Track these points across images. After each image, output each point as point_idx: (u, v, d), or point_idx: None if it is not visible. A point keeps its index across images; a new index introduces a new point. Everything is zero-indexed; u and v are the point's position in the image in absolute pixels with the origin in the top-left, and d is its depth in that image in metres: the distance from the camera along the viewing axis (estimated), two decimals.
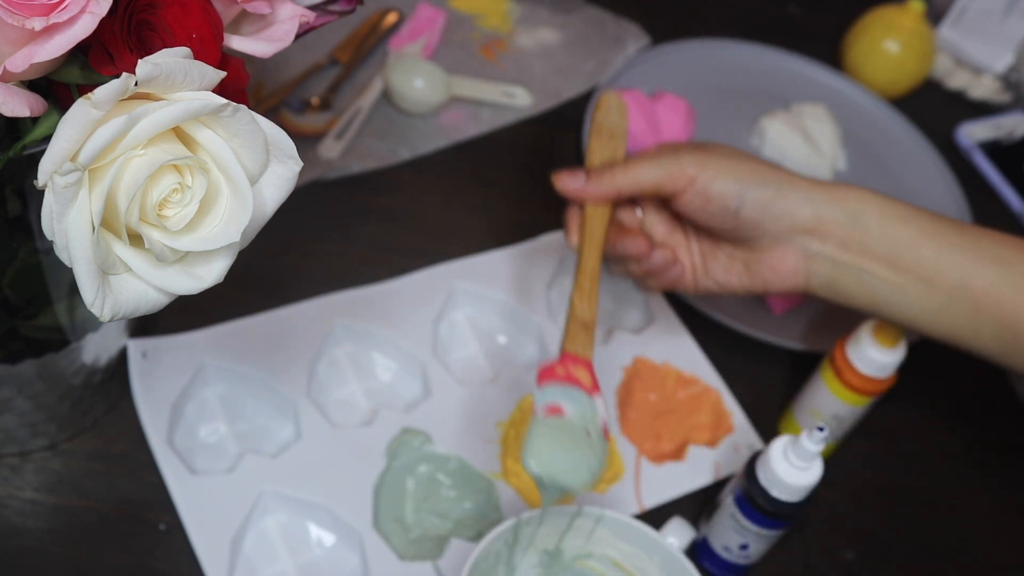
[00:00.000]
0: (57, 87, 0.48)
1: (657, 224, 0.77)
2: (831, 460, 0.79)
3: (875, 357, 0.76)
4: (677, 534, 0.72)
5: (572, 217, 0.75)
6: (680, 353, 0.86)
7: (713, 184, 0.70)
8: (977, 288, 0.67)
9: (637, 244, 0.73)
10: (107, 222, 0.46)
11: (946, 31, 1.15)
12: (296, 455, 0.74)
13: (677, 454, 0.81)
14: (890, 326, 0.75)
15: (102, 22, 0.44)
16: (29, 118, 0.47)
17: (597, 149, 0.77)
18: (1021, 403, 0.91)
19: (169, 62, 0.43)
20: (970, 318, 0.68)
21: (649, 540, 0.67)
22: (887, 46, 1.09)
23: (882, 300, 0.70)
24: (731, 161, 0.71)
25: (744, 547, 0.73)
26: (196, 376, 0.76)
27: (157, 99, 0.45)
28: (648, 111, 0.99)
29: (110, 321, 0.47)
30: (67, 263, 0.44)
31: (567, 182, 0.74)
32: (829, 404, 0.79)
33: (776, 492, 0.69)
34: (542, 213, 0.93)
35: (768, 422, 0.84)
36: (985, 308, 0.68)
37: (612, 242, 0.74)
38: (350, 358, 0.81)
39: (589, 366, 0.68)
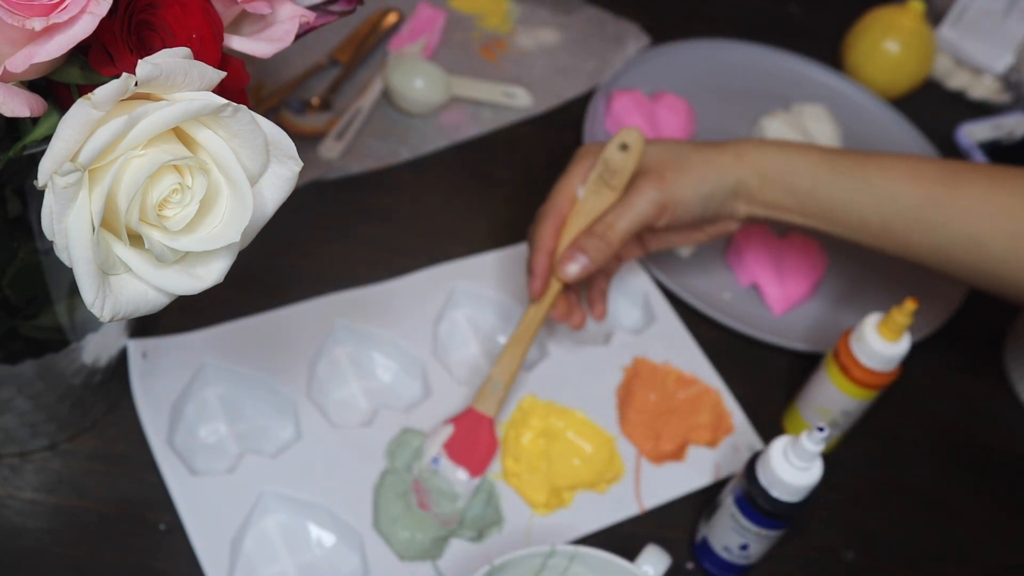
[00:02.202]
0: (57, 87, 0.48)
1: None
2: (831, 460, 0.79)
3: (880, 351, 0.76)
4: (653, 563, 0.70)
5: (544, 268, 0.77)
6: (680, 353, 0.86)
7: (679, 208, 0.77)
8: (872, 224, 0.77)
9: (574, 321, 0.80)
10: (107, 222, 0.46)
11: (946, 31, 1.15)
12: (296, 455, 0.74)
13: (677, 454, 0.81)
14: (892, 321, 0.75)
15: (102, 22, 0.44)
16: (29, 118, 0.47)
17: (590, 196, 0.78)
18: (1021, 403, 0.91)
19: (169, 62, 0.43)
20: (875, 243, 0.78)
21: (624, 572, 0.66)
22: (887, 46, 1.09)
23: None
24: (685, 175, 0.77)
25: (744, 547, 0.73)
26: (196, 376, 0.76)
27: (157, 99, 0.45)
28: (648, 111, 0.99)
29: (110, 321, 0.46)
30: (67, 263, 0.44)
31: (571, 269, 0.76)
32: (837, 400, 0.79)
33: (776, 492, 0.69)
34: None
35: (768, 422, 0.84)
36: (883, 237, 0.77)
37: (555, 318, 0.79)
38: (350, 358, 0.81)
39: (491, 424, 0.76)
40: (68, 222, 0.43)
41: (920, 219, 0.75)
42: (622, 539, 0.76)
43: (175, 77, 0.44)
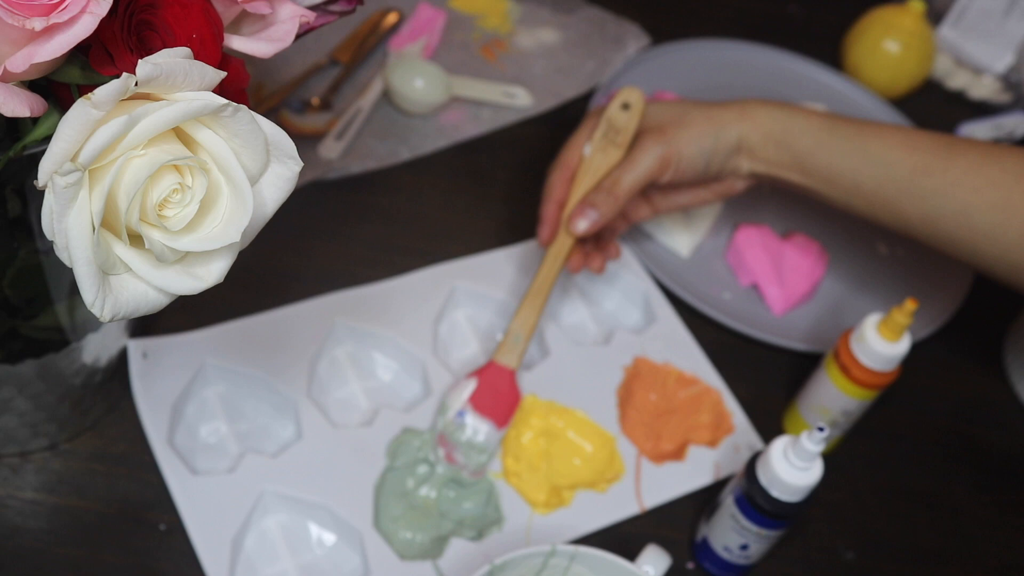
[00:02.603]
0: (57, 87, 0.48)
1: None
2: (831, 460, 0.79)
3: (880, 351, 0.76)
4: (653, 563, 0.70)
5: (553, 216, 0.81)
6: (680, 353, 0.86)
7: (682, 163, 0.80)
8: (867, 188, 0.79)
9: (593, 266, 0.83)
10: (107, 222, 0.46)
11: (946, 31, 1.15)
12: (297, 455, 0.74)
13: (677, 454, 0.81)
14: (892, 321, 0.75)
15: (102, 22, 0.44)
16: (29, 118, 0.47)
17: (597, 154, 0.81)
18: (1021, 403, 0.91)
19: (169, 62, 0.43)
20: (868, 210, 0.80)
21: (625, 572, 0.66)
22: (887, 46, 1.09)
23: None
24: (686, 131, 0.80)
25: (744, 547, 0.73)
26: (196, 376, 0.76)
27: (157, 99, 0.45)
28: None
29: (110, 321, 0.47)
30: (67, 263, 0.44)
31: (580, 224, 0.79)
32: (837, 400, 0.79)
33: (776, 492, 0.69)
34: None
35: (768, 422, 0.84)
36: (876, 203, 0.79)
37: (571, 269, 0.82)
38: (350, 358, 0.81)
39: (512, 376, 0.78)
40: (68, 222, 0.43)
41: (911, 187, 0.77)
42: (622, 539, 0.76)
43: (175, 77, 0.44)
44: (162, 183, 0.45)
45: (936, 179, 0.76)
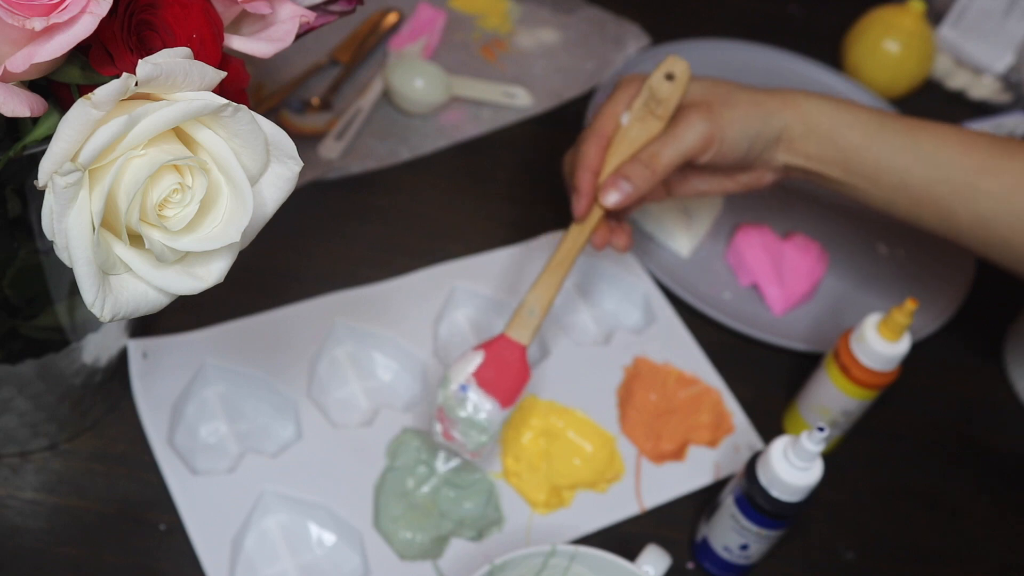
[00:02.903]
0: (57, 87, 0.48)
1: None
2: (831, 460, 0.79)
3: (880, 351, 0.76)
4: (653, 563, 0.70)
5: (589, 186, 0.76)
6: (680, 353, 0.86)
7: (725, 144, 0.76)
8: (915, 187, 0.76)
9: (618, 244, 0.79)
10: (107, 222, 0.46)
11: (946, 31, 1.15)
12: (297, 455, 0.74)
13: (677, 454, 0.81)
14: (892, 321, 0.75)
15: (102, 22, 0.44)
16: (29, 118, 0.47)
17: (635, 123, 0.76)
18: (1021, 403, 0.91)
19: (169, 62, 0.43)
20: (913, 209, 0.77)
21: (625, 572, 0.66)
22: (887, 46, 1.09)
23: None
24: (733, 111, 0.76)
25: (744, 547, 0.73)
26: (196, 376, 0.76)
27: (157, 99, 0.45)
28: None
29: (110, 321, 0.47)
30: (67, 263, 0.44)
31: (612, 196, 0.75)
32: (837, 400, 0.79)
33: (776, 492, 0.69)
34: (542, 213, 0.93)
35: (768, 422, 0.84)
36: (924, 203, 0.76)
37: (596, 244, 0.78)
38: (350, 358, 0.81)
39: (522, 351, 0.73)
40: (68, 222, 0.43)
41: (965, 188, 0.74)
42: (622, 539, 0.76)
43: (175, 77, 0.44)
44: (162, 183, 0.45)
45: (993, 181, 0.73)
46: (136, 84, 0.43)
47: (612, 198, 0.74)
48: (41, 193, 0.43)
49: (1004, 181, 0.73)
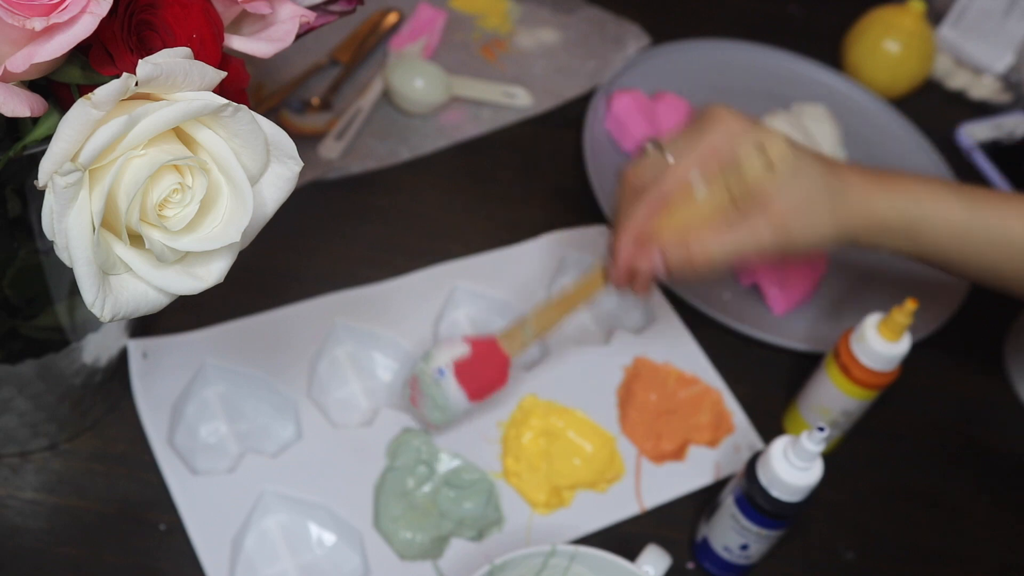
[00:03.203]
0: (57, 87, 0.48)
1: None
2: (831, 460, 0.79)
3: (880, 351, 0.76)
4: (653, 563, 0.69)
5: (629, 256, 0.70)
6: (680, 353, 0.86)
7: (802, 239, 0.69)
8: (1006, 272, 0.71)
9: (638, 287, 0.72)
10: (107, 222, 0.46)
11: (946, 31, 1.15)
12: (297, 455, 0.74)
13: (677, 454, 0.81)
14: (893, 321, 0.75)
15: (102, 22, 0.44)
16: (29, 118, 0.47)
17: (704, 189, 0.68)
18: (1021, 403, 0.91)
19: (169, 62, 0.43)
20: (999, 286, 0.73)
21: (625, 573, 0.66)
22: (887, 46, 1.09)
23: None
24: (806, 225, 0.68)
25: (744, 547, 0.73)
26: (196, 376, 0.76)
27: (157, 99, 0.45)
28: (648, 111, 0.99)
29: (110, 321, 0.46)
30: (67, 263, 0.44)
31: (643, 267, 0.69)
32: (837, 400, 0.79)
33: (776, 492, 0.69)
34: (542, 213, 0.93)
35: (768, 422, 0.84)
36: (1013, 283, 0.72)
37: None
38: (350, 358, 0.81)
39: (506, 360, 0.75)
40: (68, 222, 0.43)
41: None
42: (622, 539, 0.76)
43: (175, 77, 0.44)
44: (162, 183, 0.45)
45: None
46: (136, 84, 0.43)
47: (641, 271, 0.69)
48: (41, 193, 0.43)
49: None
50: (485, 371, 0.75)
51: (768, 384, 0.87)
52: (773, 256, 0.69)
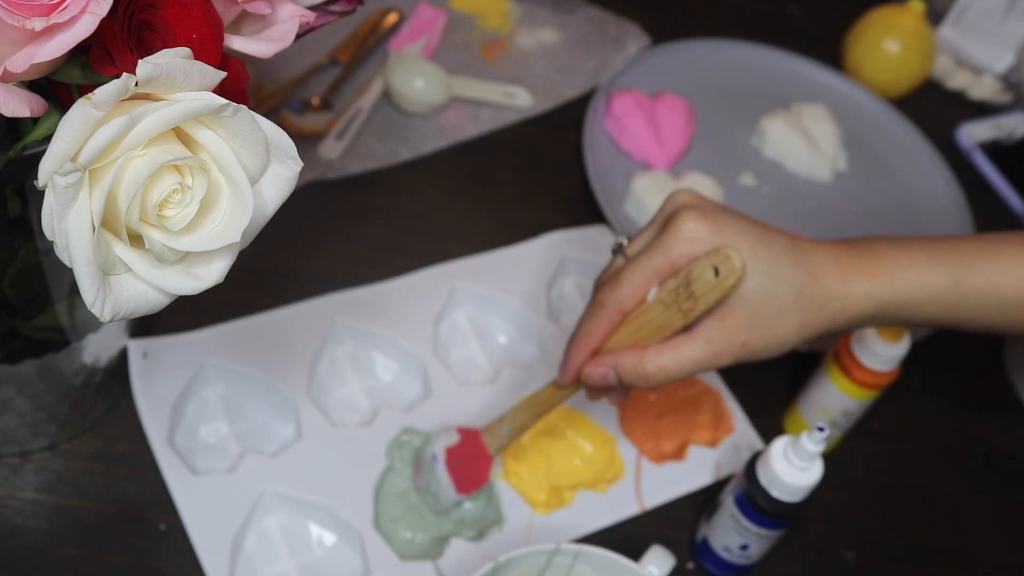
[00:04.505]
0: (57, 87, 0.48)
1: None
2: (831, 460, 0.79)
3: (880, 351, 0.76)
4: (657, 563, 0.69)
5: (579, 364, 0.67)
6: None
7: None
8: (1000, 328, 0.68)
9: (614, 400, 0.71)
10: (107, 222, 0.46)
11: (946, 31, 1.15)
12: (297, 455, 0.74)
13: (677, 454, 0.81)
14: None
15: (102, 22, 0.44)
16: (29, 118, 0.47)
17: (657, 305, 0.64)
18: (1021, 403, 0.91)
19: (169, 62, 0.43)
20: (998, 334, 0.71)
21: (629, 572, 0.65)
22: (887, 46, 1.09)
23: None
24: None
25: (744, 547, 0.73)
26: (196, 376, 0.76)
27: (157, 99, 0.45)
28: (648, 111, 0.99)
29: (110, 321, 0.46)
30: (67, 263, 0.44)
31: (594, 376, 0.66)
32: (838, 400, 0.79)
33: (776, 492, 0.69)
34: (542, 213, 0.93)
35: (768, 422, 0.84)
36: (1012, 334, 0.70)
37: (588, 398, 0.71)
38: (350, 358, 0.81)
39: (490, 461, 0.73)
40: (68, 222, 0.43)
41: None
42: (622, 539, 0.76)
43: (175, 77, 0.44)
44: (162, 183, 0.45)
45: None
46: (136, 84, 0.43)
47: (592, 380, 0.66)
48: (41, 193, 0.43)
49: None
50: (471, 466, 0.73)
51: (768, 384, 0.87)
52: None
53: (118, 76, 0.42)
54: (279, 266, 0.85)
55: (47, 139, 0.43)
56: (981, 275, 0.66)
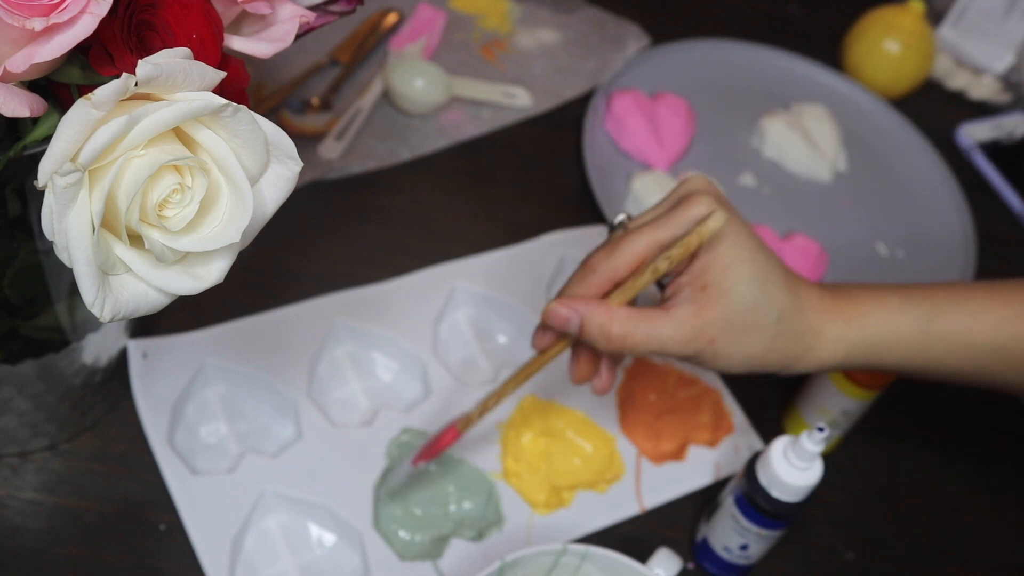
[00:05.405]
0: (57, 87, 0.48)
1: None
2: (831, 460, 0.79)
3: None
4: (664, 566, 0.69)
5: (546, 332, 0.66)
6: None
7: (731, 359, 0.64)
8: (968, 373, 0.68)
9: (597, 386, 0.68)
10: (107, 222, 0.46)
11: (946, 31, 1.15)
12: (297, 455, 0.74)
13: (677, 454, 0.81)
14: None
15: (102, 22, 0.44)
16: (29, 118, 0.47)
17: (630, 283, 0.63)
18: (1021, 403, 0.91)
19: (169, 62, 0.43)
20: (968, 384, 0.70)
21: (636, 575, 0.65)
22: (887, 46, 1.09)
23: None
24: (738, 345, 0.63)
25: (744, 547, 0.73)
26: (196, 376, 0.76)
27: (157, 99, 0.45)
28: (648, 111, 0.99)
29: (110, 321, 0.47)
30: (67, 263, 0.44)
31: (555, 317, 0.63)
32: (837, 401, 0.79)
33: (776, 492, 0.69)
34: (542, 213, 0.93)
35: (768, 422, 0.84)
36: (982, 381, 0.69)
37: (572, 379, 0.69)
38: (350, 358, 0.81)
39: (454, 433, 0.70)
40: (68, 222, 0.43)
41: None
42: (623, 539, 0.76)
43: (175, 77, 0.44)
44: (162, 183, 0.45)
45: None
46: (136, 84, 0.43)
47: (553, 319, 0.63)
48: (41, 193, 0.43)
49: None
50: (435, 440, 0.71)
51: (768, 384, 0.87)
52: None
53: (118, 76, 0.42)
54: (279, 266, 0.85)
55: (47, 139, 0.43)
56: (953, 320, 0.67)
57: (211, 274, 0.48)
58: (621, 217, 0.66)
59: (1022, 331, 0.67)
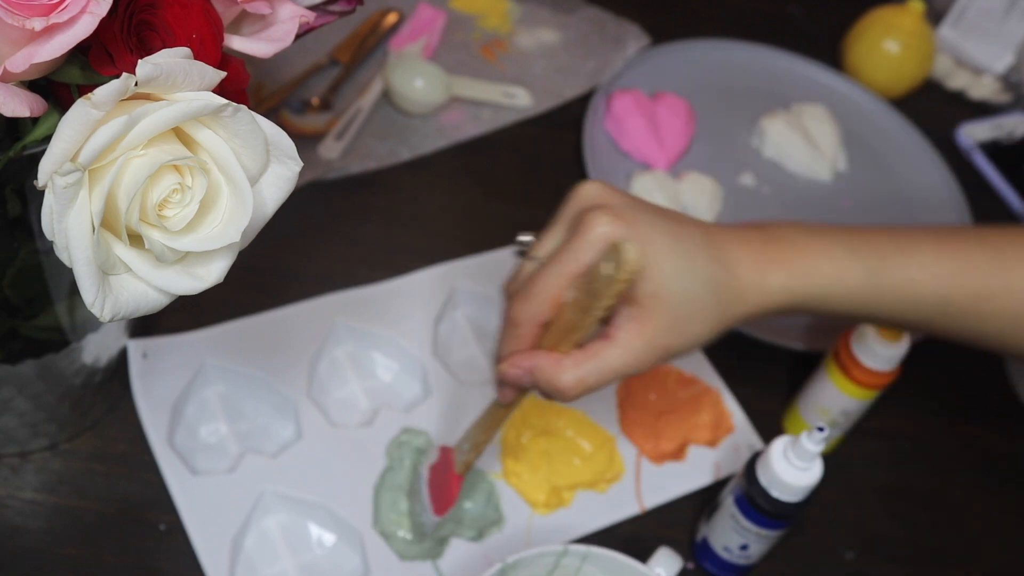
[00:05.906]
0: (57, 87, 0.48)
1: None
2: (831, 460, 0.79)
3: (880, 351, 0.76)
4: (665, 565, 0.69)
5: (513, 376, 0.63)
6: None
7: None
8: (916, 322, 0.69)
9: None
10: (107, 222, 0.46)
11: (946, 31, 1.15)
12: (296, 455, 0.74)
13: (677, 454, 0.81)
14: None
15: (102, 22, 0.44)
16: (29, 118, 0.47)
17: (569, 308, 0.60)
18: (1021, 403, 0.91)
19: (169, 62, 0.43)
20: (917, 332, 0.72)
21: (637, 574, 0.65)
22: (887, 46, 1.09)
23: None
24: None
25: (744, 547, 0.73)
26: (196, 376, 0.76)
27: (157, 99, 0.45)
28: (648, 111, 0.99)
29: (110, 321, 0.46)
30: (67, 263, 0.44)
31: (505, 395, 0.64)
32: (837, 400, 0.79)
33: (776, 492, 0.69)
34: (542, 213, 0.93)
35: (768, 422, 0.84)
36: (930, 330, 0.70)
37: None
38: (350, 358, 0.81)
39: (458, 481, 0.70)
40: (68, 222, 0.43)
41: (972, 313, 0.68)
42: (623, 539, 0.76)
43: (175, 77, 0.44)
44: (162, 183, 0.45)
45: (1000, 302, 0.67)
46: (136, 84, 0.43)
47: (508, 380, 0.62)
48: (41, 193, 0.43)
49: (1012, 299, 0.68)
50: (444, 484, 0.71)
51: (768, 384, 0.87)
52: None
53: (118, 76, 0.42)
54: (279, 266, 0.85)
55: (47, 139, 0.43)
56: (899, 270, 0.67)
57: (211, 274, 0.48)
58: (524, 239, 0.65)
59: (968, 285, 0.67)
